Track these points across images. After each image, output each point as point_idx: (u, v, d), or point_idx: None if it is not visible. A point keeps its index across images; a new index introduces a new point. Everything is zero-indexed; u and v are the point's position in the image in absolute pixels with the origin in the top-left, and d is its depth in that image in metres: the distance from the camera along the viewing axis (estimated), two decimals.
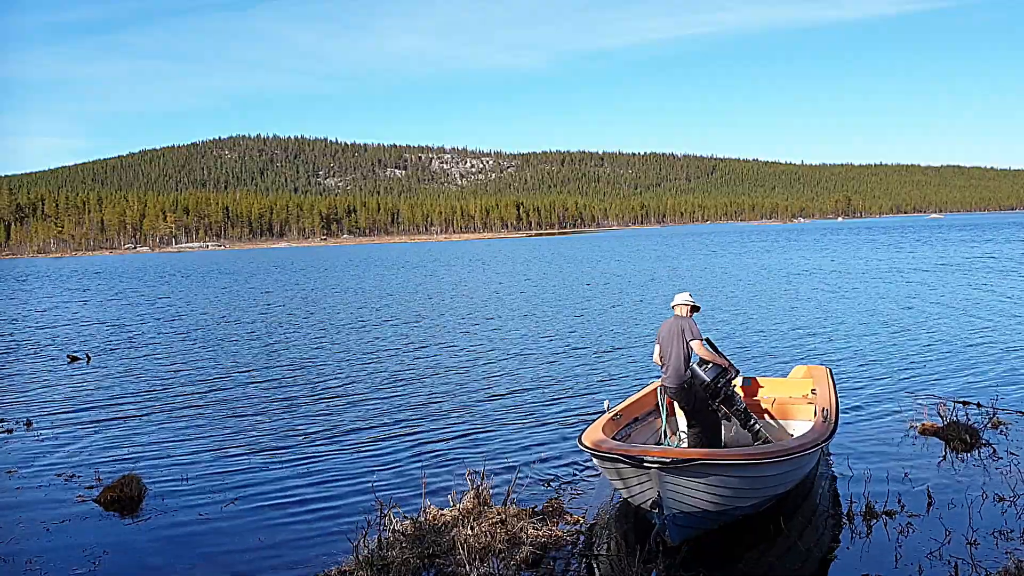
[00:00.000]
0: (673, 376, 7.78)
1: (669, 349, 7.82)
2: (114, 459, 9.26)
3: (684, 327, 7.76)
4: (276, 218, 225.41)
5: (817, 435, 7.02)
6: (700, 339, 7.70)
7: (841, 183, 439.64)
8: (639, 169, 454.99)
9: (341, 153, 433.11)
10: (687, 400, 7.78)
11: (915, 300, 23.08)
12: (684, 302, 8.01)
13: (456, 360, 15.56)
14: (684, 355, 7.73)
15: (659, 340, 8.00)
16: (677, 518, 6.01)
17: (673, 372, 7.77)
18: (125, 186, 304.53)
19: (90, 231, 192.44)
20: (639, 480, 6.11)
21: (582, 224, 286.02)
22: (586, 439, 6.66)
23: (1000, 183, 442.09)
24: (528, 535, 6.25)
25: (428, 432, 10.07)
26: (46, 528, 7.16)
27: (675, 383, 7.77)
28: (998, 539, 6.15)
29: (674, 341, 7.77)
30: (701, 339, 7.72)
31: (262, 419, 11.10)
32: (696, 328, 7.78)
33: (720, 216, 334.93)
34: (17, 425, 11.08)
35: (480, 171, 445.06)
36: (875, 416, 10.07)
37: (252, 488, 8.09)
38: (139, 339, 20.59)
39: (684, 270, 42.58)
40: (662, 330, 7.98)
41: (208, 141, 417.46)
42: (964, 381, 11.92)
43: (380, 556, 5.90)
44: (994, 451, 8.36)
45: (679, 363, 7.73)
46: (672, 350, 7.78)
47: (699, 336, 7.72)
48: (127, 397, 12.93)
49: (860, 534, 6.42)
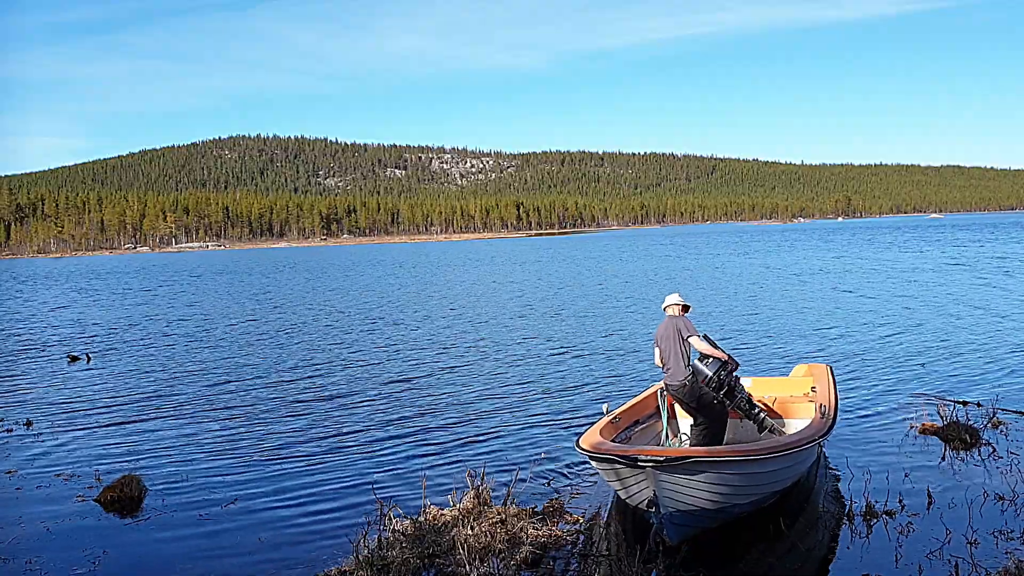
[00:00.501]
0: (675, 375, 7.84)
1: (668, 350, 7.90)
2: (114, 459, 9.26)
3: (680, 326, 7.85)
4: (276, 218, 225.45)
5: (814, 431, 7.01)
6: (697, 334, 7.82)
7: (841, 183, 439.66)
8: (639, 169, 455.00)
9: (341, 153, 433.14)
10: (691, 397, 7.83)
11: (915, 300, 23.07)
12: (674, 302, 8.14)
13: (456, 360, 15.56)
14: (683, 353, 7.83)
15: (657, 343, 8.08)
16: (674, 517, 6.01)
17: (675, 371, 7.84)
18: (125, 186, 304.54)
19: (90, 231, 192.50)
20: (635, 480, 6.10)
21: (582, 224, 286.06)
22: (583, 442, 6.64)
23: (1000, 183, 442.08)
24: (528, 535, 6.25)
25: (428, 432, 10.07)
26: (46, 528, 7.16)
27: (678, 381, 7.82)
28: (998, 539, 6.15)
29: (672, 341, 7.85)
30: (698, 334, 7.83)
31: (262, 419, 11.10)
32: (691, 325, 7.88)
33: (720, 216, 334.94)
34: (17, 425, 11.08)
35: (480, 171, 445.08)
36: (875, 416, 10.07)
37: (252, 488, 8.09)
38: (139, 339, 20.60)
39: (686, 270, 42.58)
40: (659, 332, 8.07)
41: (208, 141, 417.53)
42: (964, 381, 11.91)
43: (380, 556, 5.91)
44: (994, 451, 8.36)
45: (679, 362, 7.81)
46: (671, 350, 7.86)
47: (695, 332, 7.82)
48: (127, 397, 12.94)
49: (860, 534, 6.42)
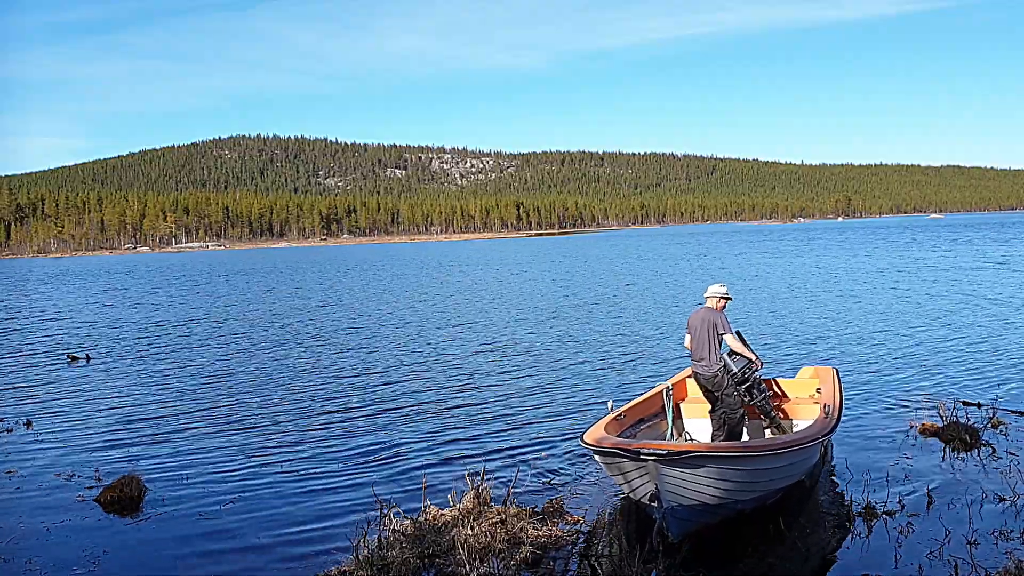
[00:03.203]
0: (704, 364, 8.12)
1: (701, 339, 8.15)
2: (114, 459, 9.26)
3: (716, 321, 8.11)
4: (276, 218, 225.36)
5: (817, 430, 7.04)
6: (731, 332, 8.13)
7: (841, 183, 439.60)
8: (639, 169, 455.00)
9: (341, 153, 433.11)
10: (716, 387, 8.11)
11: (915, 300, 23.08)
12: (716, 294, 8.33)
13: (457, 360, 15.56)
14: (715, 346, 8.10)
15: (690, 329, 8.34)
16: (676, 511, 6.04)
17: (704, 361, 8.12)
18: (125, 186, 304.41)
19: (90, 231, 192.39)
20: (638, 474, 6.14)
21: (582, 224, 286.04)
22: (587, 437, 6.73)
23: (1000, 183, 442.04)
24: (528, 535, 6.25)
25: (428, 432, 10.07)
26: (46, 528, 7.16)
27: (706, 371, 8.11)
28: (998, 539, 6.16)
29: (706, 332, 8.11)
30: (732, 332, 8.15)
31: (262, 419, 11.10)
32: (727, 323, 8.15)
33: (720, 216, 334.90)
34: (17, 425, 11.08)
35: (480, 171, 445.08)
36: (875, 416, 10.07)
37: (252, 488, 8.09)
38: (139, 339, 20.59)
39: (689, 270, 42.58)
40: (693, 319, 8.30)
41: (208, 141, 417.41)
42: (964, 381, 11.92)
43: (380, 556, 5.91)
44: (994, 451, 8.36)
45: (710, 353, 8.08)
46: (703, 340, 8.12)
47: (730, 330, 8.13)
48: (127, 397, 12.94)
49: (860, 534, 6.42)
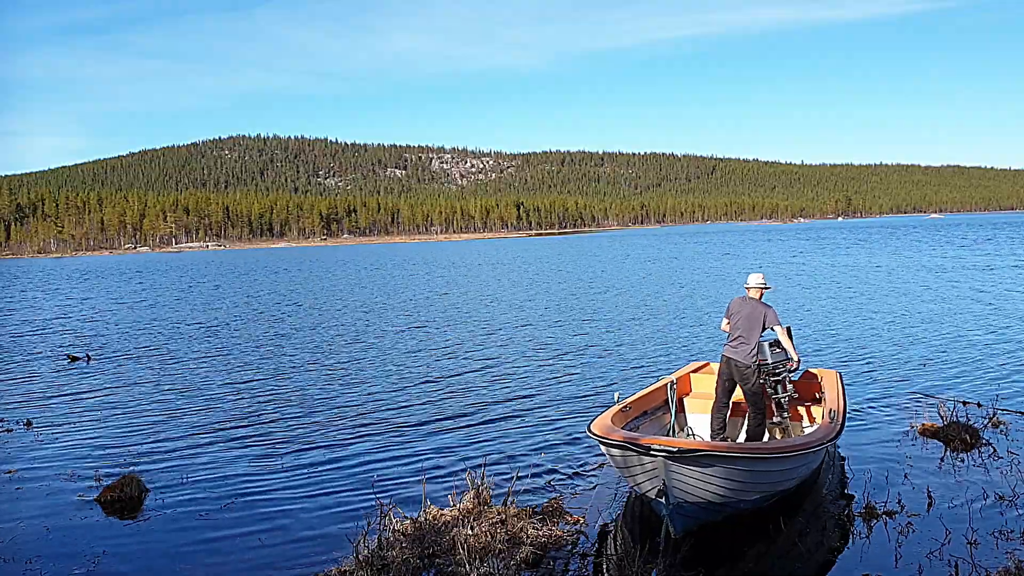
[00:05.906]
0: (741, 353, 8.11)
1: (743, 328, 8.14)
2: (114, 459, 9.26)
3: (766, 314, 8.12)
4: (276, 218, 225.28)
5: (823, 434, 7.09)
6: (781, 325, 8.20)
7: (841, 183, 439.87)
8: (639, 169, 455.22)
9: (341, 153, 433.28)
10: (742, 378, 8.12)
11: (915, 300, 23.08)
12: (757, 284, 8.37)
13: (457, 360, 15.55)
14: (756, 337, 8.09)
15: (729, 315, 8.38)
16: (682, 508, 6.08)
17: (741, 349, 8.11)
18: (125, 186, 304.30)
19: (90, 231, 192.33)
20: (645, 469, 6.16)
21: (582, 224, 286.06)
22: (595, 427, 6.75)
23: (1000, 183, 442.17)
24: (528, 535, 6.26)
25: (428, 432, 10.07)
26: (46, 528, 7.16)
27: (743, 360, 8.08)
28: (998, 539, 6.16)
29: (750, 322, 8.11)
30: (782, 325, 8.20)
31: (262, 419, 11.09)
32: (777, 316, 8.18)
33: (720, 216, 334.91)
34: (17, 425, 11.08)
35: (480, 171, 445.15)
36: (875, 416, 10.08)
37: (252, 488, 8.09)
38: (139, 339, 20.59)
39: (692, 271, 42.56)
40: (734, 306, 8.35)
41: (208, 141, 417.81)
42: (964, 381, 11.92)
43: (380, 556, 5.91)
44: (994, 451, 8.36)
45: (750, 347, 8.07)
46: (746, 329, 8.11)
47: (779, 323, 8.18)
48: (127, 397, 12.93)
49: (860, 534, 6.42)
